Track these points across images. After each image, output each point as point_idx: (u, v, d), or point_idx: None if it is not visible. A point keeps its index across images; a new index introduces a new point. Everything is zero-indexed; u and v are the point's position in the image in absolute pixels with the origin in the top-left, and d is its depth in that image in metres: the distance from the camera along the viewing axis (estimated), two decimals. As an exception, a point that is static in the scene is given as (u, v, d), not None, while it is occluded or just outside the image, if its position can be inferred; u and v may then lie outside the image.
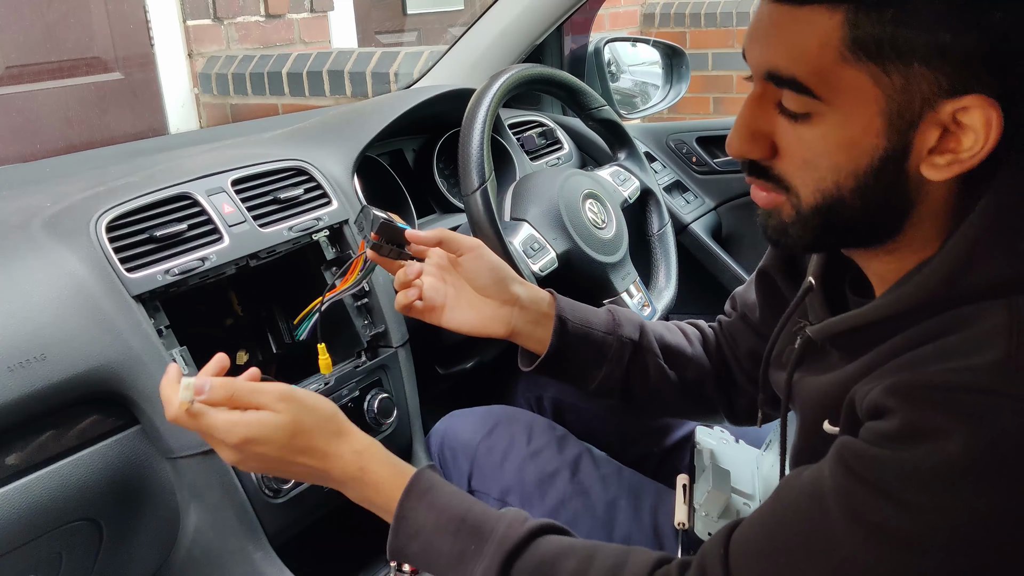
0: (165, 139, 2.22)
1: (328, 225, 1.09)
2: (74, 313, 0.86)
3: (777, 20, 0.61)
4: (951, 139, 0.59)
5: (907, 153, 0.61)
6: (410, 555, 0.75)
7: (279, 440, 0.75)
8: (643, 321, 1.02)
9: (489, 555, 0.70)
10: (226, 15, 2.96)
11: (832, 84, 0.60)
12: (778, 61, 0.61)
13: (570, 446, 1.11)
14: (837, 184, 0.63)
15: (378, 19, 3.69)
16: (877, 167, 0.61)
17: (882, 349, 0.63)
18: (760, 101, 0.65)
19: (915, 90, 0.58)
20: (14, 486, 0.80)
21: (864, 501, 0.56)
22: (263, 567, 0.93)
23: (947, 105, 0.58)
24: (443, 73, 1.66)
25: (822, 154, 0.62)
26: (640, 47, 1.96)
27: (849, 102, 0.60)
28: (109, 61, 2.81)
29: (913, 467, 0.55)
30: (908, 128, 0.60)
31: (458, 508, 0.74)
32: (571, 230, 1.17)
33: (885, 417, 0.57)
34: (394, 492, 0.76)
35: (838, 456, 0.59)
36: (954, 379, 0.55)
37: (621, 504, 1.03)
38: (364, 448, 0.78)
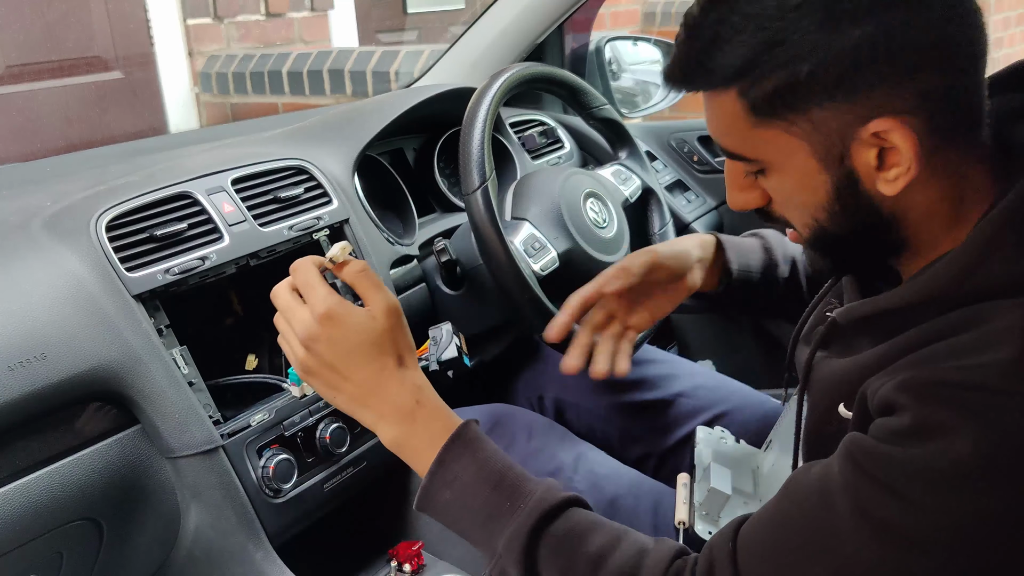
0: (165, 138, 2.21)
1: (328, 224, 1.09)
2: (74, 312, 0.85)
3: (705, 105, 0.69)
4: (893, 154, 0.62)
5: (855, 178, 0.64)
6: (440, 503, 0.75)
7: (357, 337, 0.74)
8: (794, 255, 1.08)
9: (525, 514, 0.70)
10: (226, 14, 2.95)
11: (755, 145, 0.67)
12: (717, 137, 0.70)
13: (570, 445, 1.11)
14: (814, 218, 0.68)
15: (378, 18, 3.69)
16: (835, 197, 0.66)
17: (898, 341, 0.64)
18: (733, 164, 0.72)
19: (825, 130, 0.63)
20: (14, 486, 0.80)
21: (870, 498, 0.56)
22: (263, 567, 0.93)
23: (862, 132, 0.62)
24: (444, 72, 1.66)
25: (789, 198, 0.69)
26: (641, 46, 1.96)
27: (778, 155, 0.66)
28: (109, 60, 2.81)
29: (920, 465, 0.55)
30: (840, 159, 0.64)
31: (500, 464, 0.74)
32: (572, 229, 1.17)
33: (895, 413, 0.58)
34: (439, 436, 0.75)
35: (847, 453, 0.59)
36: (965, 377, 0.55)
37: (621, 503, 1.03)
38: (424, 385, 0.78)
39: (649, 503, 1.04)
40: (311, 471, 0.99)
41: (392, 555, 1.04)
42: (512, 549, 0.70)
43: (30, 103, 2.64)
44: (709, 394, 1.21)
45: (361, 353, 0.75)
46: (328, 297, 0.75)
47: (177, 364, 0.90)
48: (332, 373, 0.76)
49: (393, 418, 0.76)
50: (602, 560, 0.68)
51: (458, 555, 1.06)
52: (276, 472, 0.93)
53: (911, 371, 0.59)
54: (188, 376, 0.91)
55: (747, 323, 1.75)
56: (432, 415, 0.76)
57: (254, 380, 1.01)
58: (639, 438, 1.19)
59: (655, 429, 1.18)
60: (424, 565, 1.04)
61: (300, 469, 0.97)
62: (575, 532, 0.70)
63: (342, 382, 0.76)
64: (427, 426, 0.76)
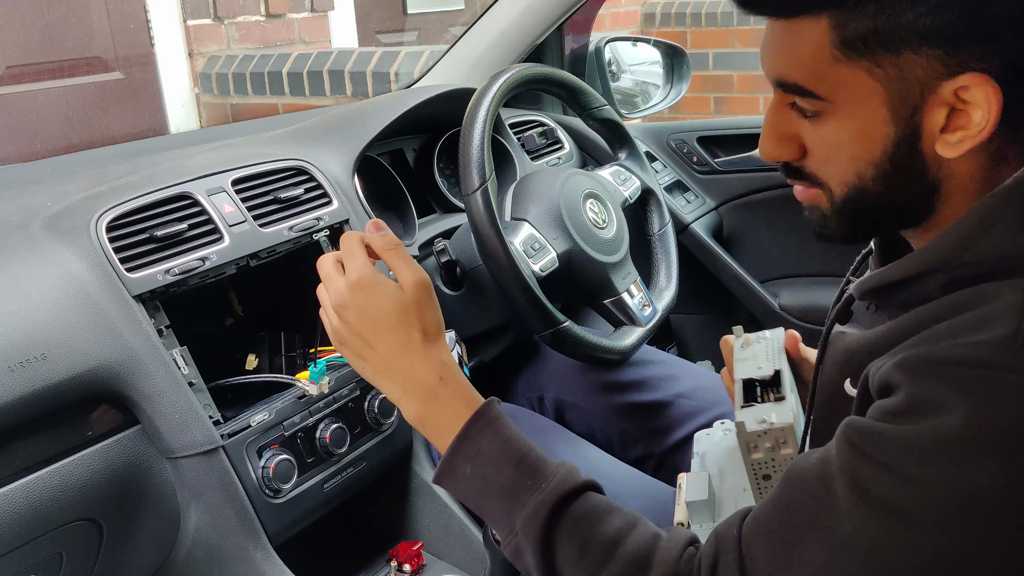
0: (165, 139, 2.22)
1: (328, 225, 1.09)
2: (74, 313, 0.86)
3: (775, 33, 0.65)
4: (960, 116, 0.61)
5: (918, 136, 0.63)
6: (460, 477, 0.75)
7: (384, 306, 0.76)
8: None
9: (547, 491, 0.71)
10: (226, 15, 2.96)
11: (831, 84, 0.63)
12: (782, 70, 0.65)
13: (571, 445, 1.11)
14: (858, 174, 0.66)
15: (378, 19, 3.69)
16: (891, 153, 0.64)
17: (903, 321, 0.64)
18: (779, 106, 0.68)
19: (911, 77, 0.61)
20: (14, 486, 0.80)
21: (867, 476, 0.57)
22: (263, 567, 0.93)
23: (945, 86, 0.60)
24: (443, 73, 1.66)
25: (839, 148, 0.66)
26: (641, 47, 1.96)
27: (851, 97, 0.63)
28: (109, 61, 2.81)
29: (915, 440, 0.55)
30: (912, 113, 0.62)
31: (522, 443, 0.75)
32: (572, 230, 1.17)
33: (892, 394, 0.58)
34: (462, 415, 0.76)
35: (844, 435, 0.60)
36: (960, 353, 0.56)
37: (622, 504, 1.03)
38: (450, 362, 0.78)
39: (649, 503, 1.04)
40: (311, 471, 0.99)
41: (392, 555, 1.04)
42: (531, 526, 0.71)
43: (30, 103, 2.64)
44: (709, 395, 1.21)
45: (388, 324, 0.76)
46: (363, 267, 0.77)
47: (177, 364, 0.91)
48: (360, 342, 0.77)
49: (416, 393, 0.76)
50: (618, 542, 0.69)
51: (458, 555, 1.06)
52: (276, 472, 0.94)
53: (911, 350, 0.59)
54: (188, 376, 0.91)
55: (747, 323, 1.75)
56: (455, 393, 0.77)
57: (260, 380, 1.01)
58: (639, 438, 1.19)
59: (655, 430, 1.18)
60: (424, 565, 1.04)
61: (300, 469, 0.97)
62: (593, 514, 0.71)
63: (369, 352, 0.77)
64: (450, 404, 0.76)
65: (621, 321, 1.23)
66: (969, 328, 0.58)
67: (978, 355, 0.55)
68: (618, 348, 1.17)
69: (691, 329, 1.84)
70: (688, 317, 1.82)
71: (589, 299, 1.24)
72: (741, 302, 1.71)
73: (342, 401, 1.03)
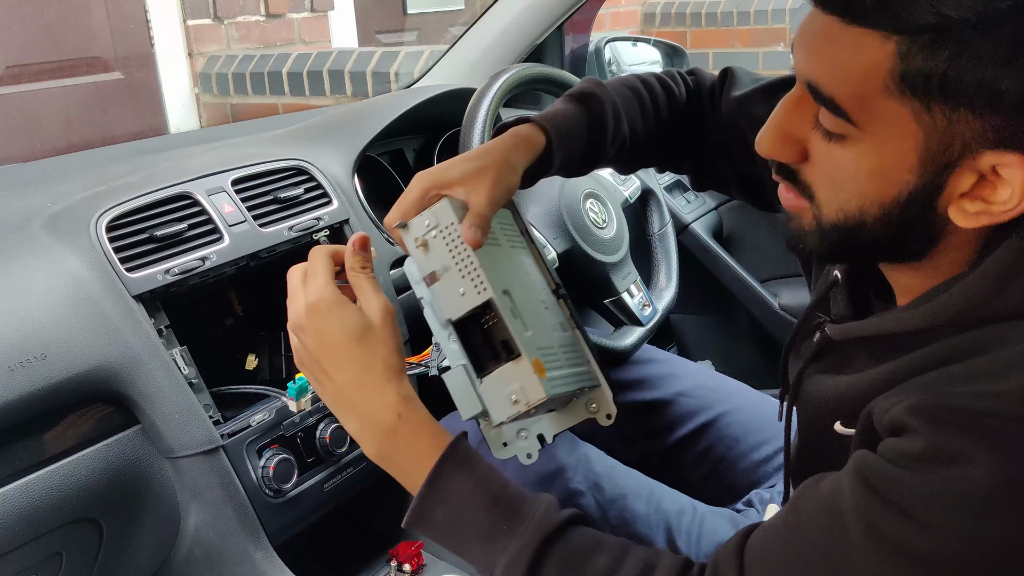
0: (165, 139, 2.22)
1: (328, 225, 1.09)
2: (74, 313, 0.86)
3: (826, 31, 0.58)
4: (986, 186, 0.57)
5: (938, 192, 0.58)
6: (434, 522, 0.71)
7: (342, 333, 0.71)
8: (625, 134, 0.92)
9: (527, 535, 0.67)
10: (226, 15, 2.96)
11: (871, 113, 0.57)
12: (820, 76, 0.59)
13: (571, 446, 1.11)
14: (861, 209, 0.61)
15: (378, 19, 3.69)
16: (905, 200, 0.59)
17: (905, 361, 0.61)
18: (798, 105, 0.63)
19: (957, 134, 0.56)
20: (14, 486, 0.80)
21: (885, 521, 0.55)
22: (263, 567, 0.93)
23: (988, 156, 0.56)
24: (443, 73, 1.66)
25: (850, 177, 0.61)
26: (641, 46, 1.96)
27: (886, 133, 0.58)
28: (109, 61, 2.81)
29: (937, 490, 0.54)
30: (943, 170, 0.57)
31: (495, 483, 0.70)
32: (572, 230, 1.17)
33: (906, 435, 0.56)
34: (427, 454, 0.70)
35: (858, 472, 0.58)
36: (981, 404, 0.54)
37: (622, 504, 1.03)
38: (411, 397, 0.72)
39: (650, 503, 1.04)
40: (311, 471, 0.99)
41: (392, 555, 1.04)
42: (513, 573, 0.67)
43: (30, 103, 2.64)
44: (709, 393, 1.21)
45: (344, 352, 0.71)
46: (323, 288, 0.72)
47: (177, 364, 0.91)
48: (317, 367, 0.73)
49: (373, 430, 0.72)
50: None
51: (458, 555, 1.06)
52: (276, 472, 0.93)
53: (922, 393, 0.57)
54: (188, 376, 0.91)
55: (746, 323, 1.75)
56: (415, 431, 0.71)
57: (254, 391, 1.01)
58: (639, 438, 1.19)
59: (655, 429, 1.18)
60: (424, 565, 1.04)
61: (300, 469, 0.97)
62: (578, 554, 0.67)
63: (325, 379, 0.72)
64: (411, 443, 0.71)
65: (621, 321, 1.23)
66: (986, 375, 0.55)
67: (999, 407, 0.53)
68: (618, 348, 1.17)
69: (691, 329, 1.84)
70: (688, 317, 1.82)
71: (589, 299, 1.24)
72: (741, 302, 1.71)
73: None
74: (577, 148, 0.85)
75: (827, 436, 0.68)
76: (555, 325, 0.78)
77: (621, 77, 0.93)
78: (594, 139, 0.86)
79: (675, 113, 0.93)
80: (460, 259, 0.71)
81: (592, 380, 0.78)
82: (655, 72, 0.94)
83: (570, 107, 0.85)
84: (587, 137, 0.86)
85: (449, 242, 0.72)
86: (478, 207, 0.73)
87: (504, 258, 0.77)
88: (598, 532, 0.70)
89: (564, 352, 0.77)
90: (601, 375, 0.79)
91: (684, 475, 1.17)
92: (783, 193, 0.67)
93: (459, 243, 0.71)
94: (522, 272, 0.79)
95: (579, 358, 0.79)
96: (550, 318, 0.78)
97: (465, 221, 0.71)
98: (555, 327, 0.78)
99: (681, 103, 0.93)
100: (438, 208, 0.73)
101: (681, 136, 0.94)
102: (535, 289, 0.79)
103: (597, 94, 0.87)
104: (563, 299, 0.81)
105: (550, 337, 0.76)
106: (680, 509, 1.06)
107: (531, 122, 0.82)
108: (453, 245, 0.72)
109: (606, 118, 0.86)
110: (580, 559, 0.67)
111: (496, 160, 0.76)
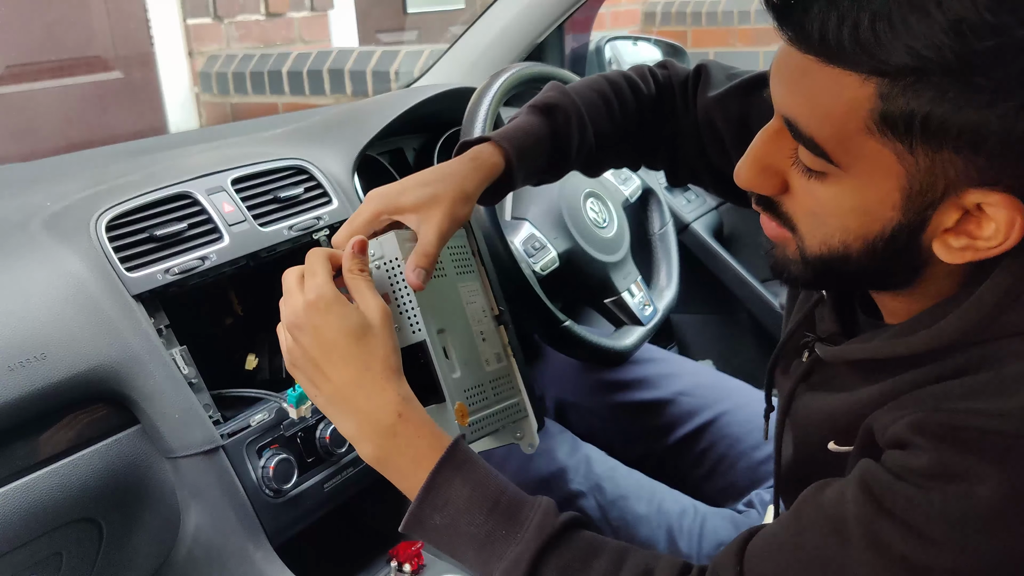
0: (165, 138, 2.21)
1: (328, 224, 1.09)
2: (74, 312, 0.85)
3: (804, 68, 0.56)
4: (971, 222, 0.56)
5: (922, 227, 0.58)
6: (431, 527, 0.70)
7: (341, 330, 0.69)
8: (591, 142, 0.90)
9: (525, 541, 0.67)
10: (226, 14, 2.96)
11: (852, 153, 0.56)
12: (799, 115, 0.58)
13: (571, 447, 1.11)
14: (844, 243, 0.60)
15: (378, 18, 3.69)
16: (888, 236, 0.58)
17: (899, 380, 0.61)
18: (777, 137, 0.62)
19: (940, 173, 0.54)
20: (14, 486, 0.80)
21: (889, 533, 0.55)
22: (263, 567, 0.93)
23: (972, 194, 0.55)
24: (443, 72, 1.66)
25: (832, 213, 0.60)
26: (641, 46, 1.96)
27: (867, 173, 0.57)
28: (109, 60, 2.81)
29: (942, 506, 0.54)
30: (927, 207, 0.56)
31: (494, 488, 0.69)
32: (572, 229, 1.17)
33: (910, 450, 0.56)
34: (425, 456, 0.69)
35: (862, 483, 0.57)
36: (985, 424, 0.54)
37: (622, 504, 1.03)
38: (410, 397, 0.71)
39: (651, 504, 1.04)
40: (311, 471, 0.99)
41: (392, 555, 1.04)
42: None
43: (30, 103, 2.64)
44: (709, 392, 1.21)
45: (343, 350, 0.70)
46: (323, 286, 0.71)
47: (177, 364, 0.90)
48: (313, 367, 0.71)
49: (372, 431, 0.70)
50: None
51: (458, 555, 1.06)
52: (276, 472, 0.93)
53: (922, 409, 0.57)
54: (188, 376, 0.91)
55: (747, 323, 1.75)
56: (415, 432, 0.70)
57: (252, 395, 1.00)
58: (640, 437, 1.19)
59: (656, 428, 1.18)
60: (424, 565, 1.04)
61: (300, 469, 0.97)
62: (576, 560, 0.67)
63: (321, 379, 0.71)
64: (410, 443, 0.70)
65: (622, 321, 1.23)
66: (987, 393, 0.55)
67: (1003, 425, 0.53)
68: (619, 348, 1.17)
69: (691, 328, 1.84)
70: (688, 316, 1.82)
71: (590, 299, 1.24)
72: (741, 301, 1.71)
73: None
74: (539, 163, 0.84)
75: (820, 455, 0.67)
76: (490, 357, 0.81)
77: (587, 79, 0.91)
78: (558, 152, 0.85)
79: (643, 111, 0.91)
80: (400, 295, 0.74)
81: (519, 412, 0.82)
82: (623, 70, 0.92)
83: (533, 120, 0.84)
84: (550, 152, 0.84)
85: (392, 276, 0.74)
86: (425, 246, 0.74)
87: (447, 290, 0.79)
88: (597, 536, 0.70)
89: (495, 387, 0.80)
90: (529, 406, 0.82)
91: (684, 474, 1.17)
92: (765, 223, 0.66)
93: (401, 279, 0.74)
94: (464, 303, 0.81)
95: (510, 389, 0.82)
96: (486, 350, 0.81)
97: (410, 261, 0.73)
98: (490, 359, 0.81)
99: (649, 100, 0.91)
100: (384, 240, 0.75)
101: (651, 132, 0.92)
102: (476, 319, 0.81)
103: (561, 104, 0.85)
104: (504, 325, 0.83)
105: (480, 374, 0.78)
106: (681, 510, 1.06)
107: (491, 141, 0.81)
108: (395, 280, 0.74)
109: (571, 129, 0.85)
110: (578, 565, 0.67)
111: (449, 188, 0.76)
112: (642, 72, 0.92)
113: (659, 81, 0.92)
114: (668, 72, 0.93)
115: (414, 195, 0.76)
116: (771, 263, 0.67)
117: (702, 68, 0.91)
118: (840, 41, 0.53)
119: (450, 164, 0.80)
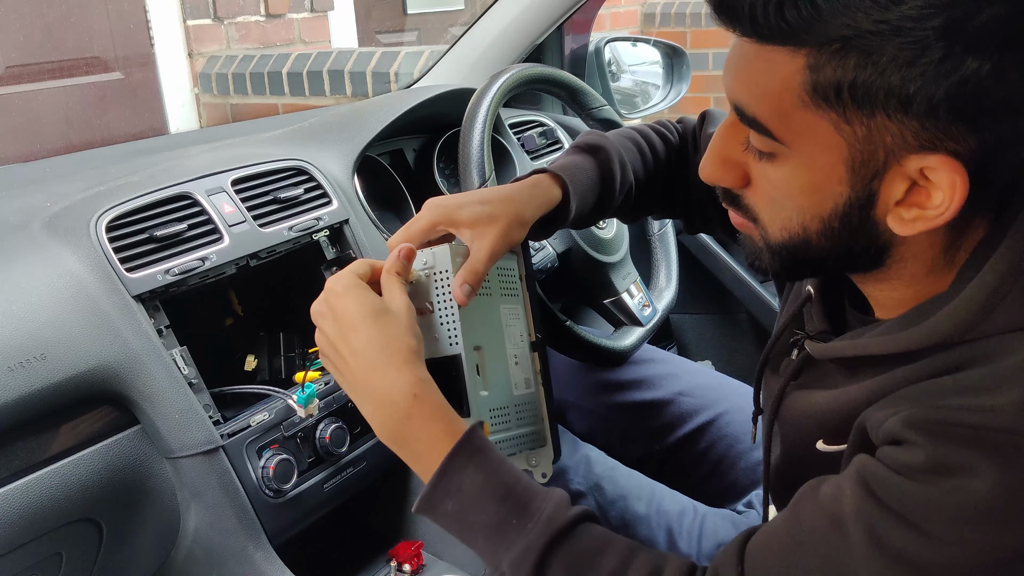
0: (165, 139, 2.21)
1: (328, 225, 1.09)
2: (74, 313, 0.86)
3: (743, 53, 0.60)
4: (920, 193, 0.58)
5: (872, 202, 0.59)
6: (442, 512, 0.71)
7: (362, 307, 0.71)
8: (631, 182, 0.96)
9: (535, 532, 0.67)
10: (226, 15, 2.96)
11: (792, 128, 0.59)
12: (742, 97, 0.61)
13: (571, 447, 1.11)
14: (803, 225, 0.63)
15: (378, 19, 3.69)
16: (842, 212, 0.61)
17: (889, 376, 0.61)
18: (732, 129, 0.65)
19: (878, 141, 0.57)
20: (14, 486, 0.80)
21: (887, 528, 0.56)
22: (263, 567, 0.93)
23: (912, 160, 0.57)
24: (443, 73, 1.66)
25: (787, 195, 0.62)
26: (641, 47, 1.96)
27: (810, 147, 0.59)
28: (109, 61, 2.81)
29: (939, 501, 0.54)
30: (872, 178, 0.58)
31: (507, 477, 0.70)
32: (571, 229, 1.17)
33: (905, 446, 0.57)
34: (440, 440, 0.70)
35: (859, 479, 0.58)
36: (979, 419, 0.54)
37: (623, 505, 1.03)
38: (427, 380, 0.72)
39: (651, 504, 1.04)
40: (311, 471, 0.99)
41: (392, 555, 1.04)
42: (519, 570, 0.67)
43: (30, 103, 2.64)
44: (709, 393, 1.21)
45: (361, 329, 0.71)
46: (345, 275, 0.73)
47: (177, 364, 0.91)
48: (335, 353, 0.73)
49: (388, 411, 0.71)
50: None
51: (458, 555, 1.06)
52: (276, 472, 0.93)
53: (916, 406, 0.57)
54: (188, 376, 0.91)
55: (746, 323, 1.75)
56: (431, 414, 0.71)
57: (255, 391, 1.01)
58: (640, 437, 1.19)
59: (656, 428, 1.18)
60: (424, 565, 1.04)
61: (300, 469, 0.97)
62: (585, 557, 0.67)
63: (342, 364, 0.73)
64: (425, 425, 0.70)
65: (621, 321, 1.23)
66: (980, 388, 0.56)
67: (999, 421, 0.54)
68: (618, 348, 1.17)
69: (691, 329, 1.84)
70: (688, 317, 1.82)
71: (589, 299, 1.24)
72: (740, 302, 1.71)
73: (342, 402, 1.03)
74: (590, 199, 0.88)
75: (809, 454, 0.68)
76: (520, 382, 0.82)
77: (618, 129, 0.99)
78: (604, 189, 0.90)
79: (670, 159, 0.98)
80: (444, 307, 0.75)
81: (538, 441, 0.83)
82: (649, 124, 1.00)
83: (580, 159, 0.89)
84: (599, 187, 0.89)
85: (439, 287, 0.76)
86: (475, 263, 0.75)
87: (489, 310, 0.81)
88: (607, 532, 0.70)
89: (519, 411, 0.81)
90: (550, 436, 0.83)
91: (684, 474, 1.17)
92: (733, 217, 0.69)
93: (447, 292, 0.75)
94: (503, 324, 0.82)
95: (534, 417, 0.83)
96: (517, 374, 0.82)
97: (458, 276, 0.75)
98: (519, 383, 0.82)
99: (674, 149, 0.99)
100: (438, 251, 0.76)
101: (674, 181, 0.99)
102: (512, 342, 0.82)
103: (603, 145, 0.90)
104: (539, 352, 0.85)
105: (507, 397, 0.80)
106: (681, 510, 1.06)
107: (548, 173, 0.85)
108: (441, 292, 0.76)
109: (613, 167, 0.90)
110: (587, 559, 0.67)
111: (508, 210, 0.79)
112: (666, 124, 1.01)
113: (679, 132, 1.00)
114: (683, 125, 1.01)
115: (472, 211, 0.78)
116: (745, 255, 0.70)
117: (706, 114, 0.98)
118: (767, 19, 0.56)
119: (510, 187, 0.83)
